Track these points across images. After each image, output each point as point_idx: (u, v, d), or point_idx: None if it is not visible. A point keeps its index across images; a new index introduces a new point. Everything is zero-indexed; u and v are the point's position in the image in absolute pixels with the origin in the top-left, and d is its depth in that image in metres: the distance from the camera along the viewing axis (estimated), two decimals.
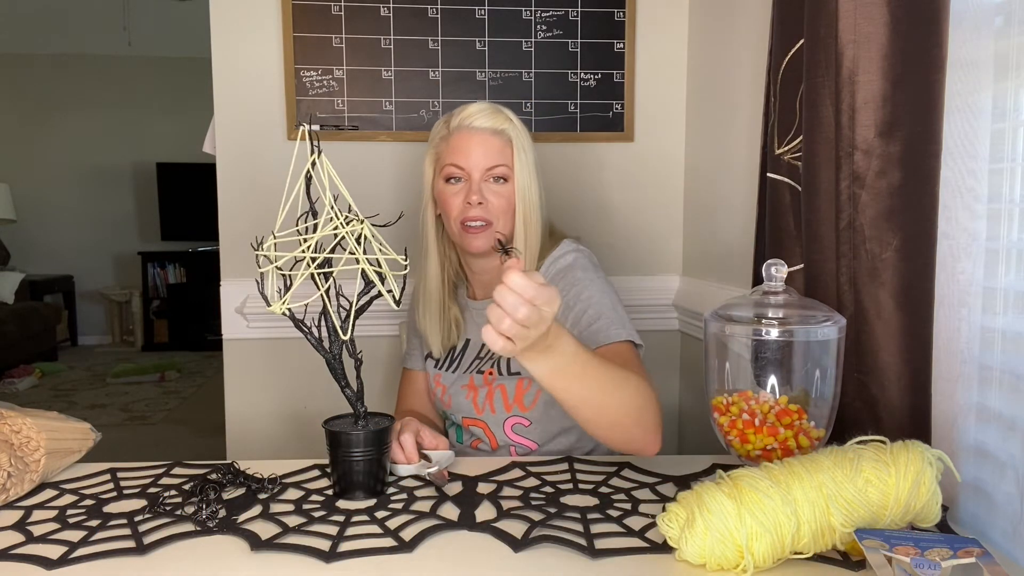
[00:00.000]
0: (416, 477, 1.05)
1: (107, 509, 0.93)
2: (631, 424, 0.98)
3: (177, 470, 1.06)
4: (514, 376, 1.26)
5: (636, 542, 0.83)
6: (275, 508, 0.93)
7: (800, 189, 1.10)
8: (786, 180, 1.14)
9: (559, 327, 0.86)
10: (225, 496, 0.96)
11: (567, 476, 1.04)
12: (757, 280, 1.27)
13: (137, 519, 0.89)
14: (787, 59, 1.12)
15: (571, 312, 1.19)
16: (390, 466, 1.05)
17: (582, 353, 0.90)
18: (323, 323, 0.97)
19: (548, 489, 1.00)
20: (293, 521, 0.89)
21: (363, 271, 0.93)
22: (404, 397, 1.44)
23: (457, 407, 1.31)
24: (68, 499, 0.96)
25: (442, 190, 1.25)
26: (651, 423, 1.00)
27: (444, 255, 1.32)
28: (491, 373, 1.28)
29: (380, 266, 0.93)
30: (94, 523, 0.88)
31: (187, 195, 6.03)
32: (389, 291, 0.94)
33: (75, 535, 0.85)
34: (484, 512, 0.92)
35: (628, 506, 0.94)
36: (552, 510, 0.91)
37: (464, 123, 1.23)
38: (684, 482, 1.00)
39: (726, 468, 0.85)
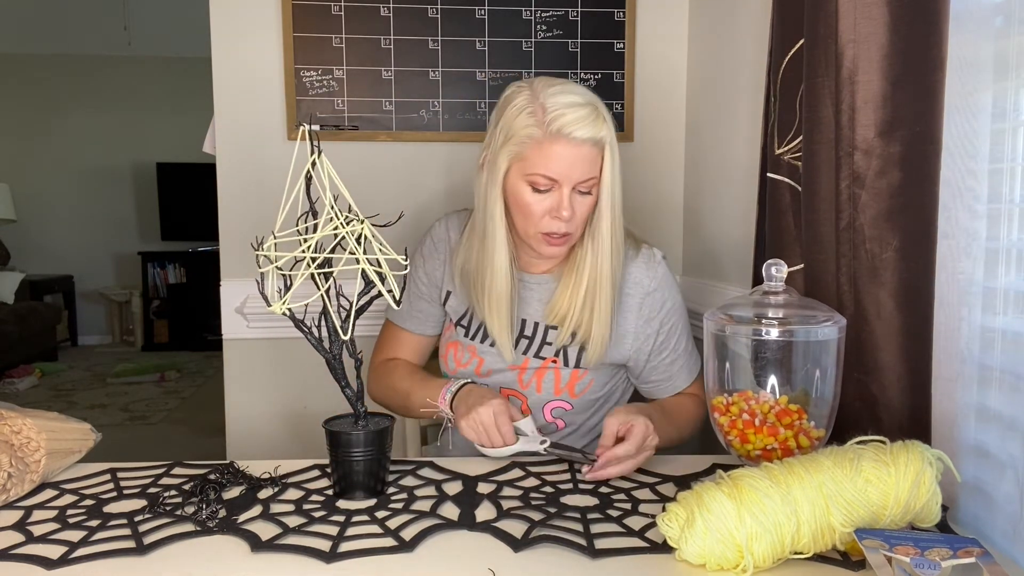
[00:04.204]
0: (523, 455, 1.10)
1: (107, 509, 0.93)
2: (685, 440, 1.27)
3: (177, 470, 1.06)
4: (574, 368, 1.25)
5: (636, 542, 0.83)
6: (275, 508, 0.93)
7: (800, 189, 1.11)
8: (786, 180, 1.14)
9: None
10: (225, 496, 0.96)
11: (567, 476, 1.04)
12: (757, 280, 1.27)
13: (137, 519, 0.89)
14: (787, 59, 1.12)
15: (662, 354, 1.27)
16: (487, 451, 1.10)
17: (659, 429, 1.09)
18: (323, 323, 0.97)
19: (548, 489, 1.00)
20: (293, 521, 0.89)
21: (363, 271, 0.93)
22: (388, 349, 1.38)
23: (496, 380, 1.27)
24: (68, 499, 0.96)
25: (522, 193, 1.14)
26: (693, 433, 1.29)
27: (511, 245, 1.21)
28: (553, 361, 1.25)
29: (380, 266, 0.93)
30: (94, 523, 0.88)
31: (187, 195, 6.02)
32: (389, 291, 0.94)
33: (75, 535, 0.85)
34: (484, 512, 0.92)
35: (628, 506, 0.94)
36: (552, 510, 0.91)
37: (564, 131, 1.09)
38: (684, 482, 1.00)
39: (726, 468, 0.85)
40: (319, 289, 0.94)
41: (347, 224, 0.92)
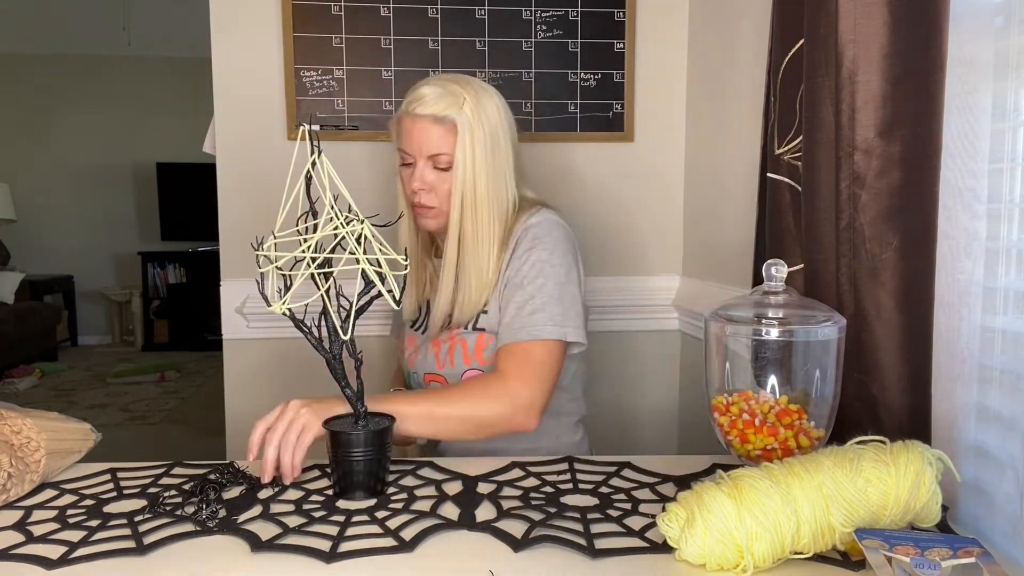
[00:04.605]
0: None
1: (107, 509, 0.93)
2: (495, 429, 1.17)
3: (177, 470, 1.06)
4: (477, 331, 1.26)
5: (636, 542, 0.83)
6: (275, 508, 0.93)
7: (800, 189, 1.11)
8: (786, 180, 1.14)
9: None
10: (225, 496, 0.96)
11: (567, 476, 1.04)
12: (757, 280, 1.27)
13: (137, 519, 0.89)
14: (787, 59, 1.12)
15: (517, 292, 1.22)
16: None
17: (419, 409, 1.11)
18: (323, 323, 0.97)
19: (548, 489, 1.00)
20: (293, 521, 0.89)
21: (363, 271, 0.93)
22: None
23: (420, 364, 1.32)
24: (68, 499, 0.96)
25: (399, 169, 1.28)
26: (506, 421, 1.16)
27: (413, 222, 1.32)
28: (456, 328, 1.28)
29: (380, 266, 0.93)
30: (94, 523, 0.88)
31: (187, 195, 6.03)
32: (389, 291, 0.94)
33: (75, 535, 0.85)
34: (484, 512, 0.92)
35: (628, 506, 0.94)
36: (552, 510, 0.91)
37: (410, 109, 1.22)
38: (684, 482, 1.00)
39: (726, 468, 0.85)
40: (319, 289, 0.94)
41: (347, 224, 0.92)
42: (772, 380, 0.99)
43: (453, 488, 1.00)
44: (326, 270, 0.94)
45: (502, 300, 1.24)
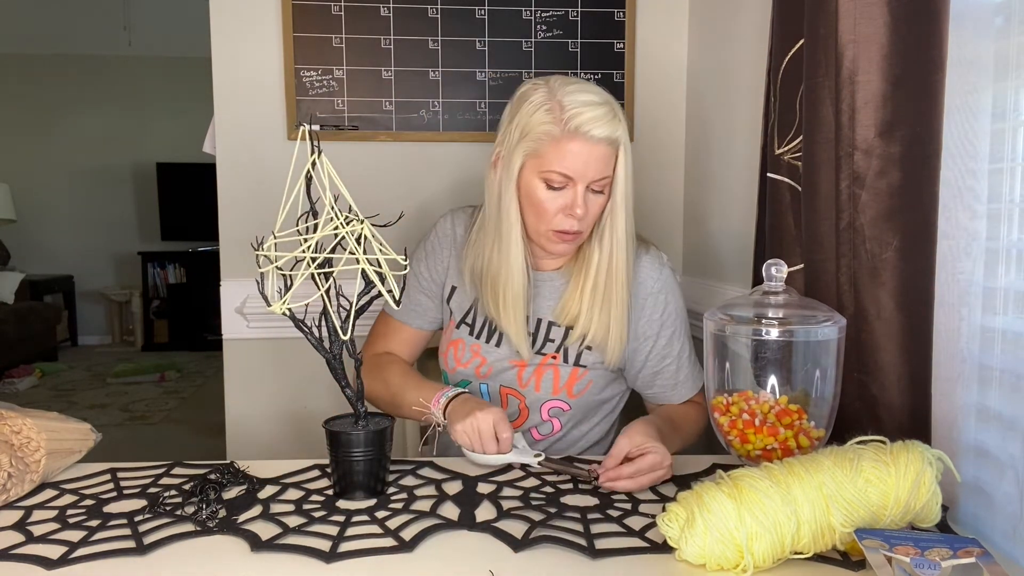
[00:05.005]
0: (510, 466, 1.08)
1: (107, 509, 0.93)
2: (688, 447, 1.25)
3: (177, 470, 1.06)
4: (576, 366, 1.25)
5: (636, 542, 0.83)
6: (275, 508, 0.93)
7: (800, 189, 1.10)
8: (786, 180, 1.14)
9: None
10: (225, 496, 0.96)
11: (567, 476, 1.04)
12: (757, 280, 1.27)
13: (137, 519, 0.89)
14: (787, 59, 1.12)
15: (665, 360, 1.26)
16: (475, 456, 1.08)
17: (668, 443, 1.08)
18: (323, 323, 0.97)
19: (548, 489, 1.00)
20: (293, 521, 0.89)
21: (363, 271, 0.93)
22: (381, 341, 1.37)
23: (496, 376, 1.27)
24: (68, 499, 0.96)
25: (536, 190, 1.14)
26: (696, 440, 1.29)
27: (526, 245, 1.21)
28: (553, 357, 1.25)
29: (380, 266, 0.93)
30: (94, 523, 0.88)
31: (187, 195, 6.02)
32: (389, 291, 0.94)
33: (75, 535, 0.85)
34: (484, 512, 0.92)
35: (628, 506, 0.94)
36: (552, 510, 0.91)
37: (582, 130, 1.09)
38: (684, 482, 1.00)
39: (726, 468, 0.85)
40: (319, 289, 0.94)
41: (347, 224, 0.92)
42: (772, 380, 0.99)
43: (453, 488, 1.00)
44: (326, 270, 0.94)
45: (640, 346, 1.25)
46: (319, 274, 0.94)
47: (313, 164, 0.94)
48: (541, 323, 1.26)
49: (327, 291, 0.94)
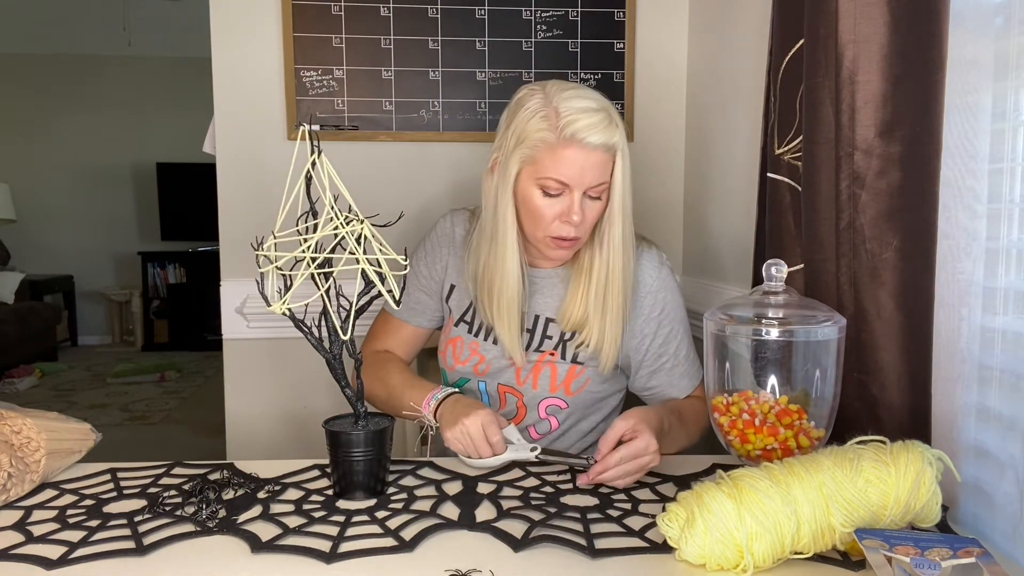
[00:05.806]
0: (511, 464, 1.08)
1: (107, 509, 0.93)
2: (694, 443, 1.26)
3: (177, 470, 1.06)
4: (573, 363, 1.25)
5: (636, 542, 0.83)
6: (275, 508, 0.93)
7: (800, 189, 1.11)
8: (786, 180, 1.14)
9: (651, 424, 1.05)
10: (225, 496, 0.96)
11: (567, 476, 1.04)
12: (757, 280, 1.27)
13: (137, 519, 0.89)
14: (787, 59, 1.12)
15: (661, 358, 1.26)
16: (472, 461, 1.08)
17: (666, 430, 1.10)
18: (323, 323, 0.97)
19: (548, 489, 1.00)
20: (293, 521, 0.89)
21: (363, 271, 0.93)
22: (381, 338, 1.37)
23: (495, 374, 1.27)
24: (68, 499, 0.96)
25: (533, 197, 1.14)
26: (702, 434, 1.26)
27: (521, 247, 1.20)
28: (551, 354, 1.25)
29: (380, 266, 0.93)
30: (94, 523, 0.88)
31: (187, 195, 6.02)
32: (389, 291, 0.93)
33: (75, 535, 0.85)
34: (484, 512, 0.92)
35: (628, 506, 0.94)
36: (552, 510, 0.91)
37: (578, 136, 1.08)
38: (684, 482, 1.00)
39: (726, 468, 0.85)
40: (319, 289, 0.94)
41: (347, 224, 0.92)
42: (772, 380, 0.99)
43: (453, 488, 1.00)
44: (326, 270, 0.94)
45: (638, 344, 1.25)
46: (319, 274, 0.94)
47: (313, 164, 0.94)
48: (539, 320, 1.26)
49: (327, 291, 0.94)
